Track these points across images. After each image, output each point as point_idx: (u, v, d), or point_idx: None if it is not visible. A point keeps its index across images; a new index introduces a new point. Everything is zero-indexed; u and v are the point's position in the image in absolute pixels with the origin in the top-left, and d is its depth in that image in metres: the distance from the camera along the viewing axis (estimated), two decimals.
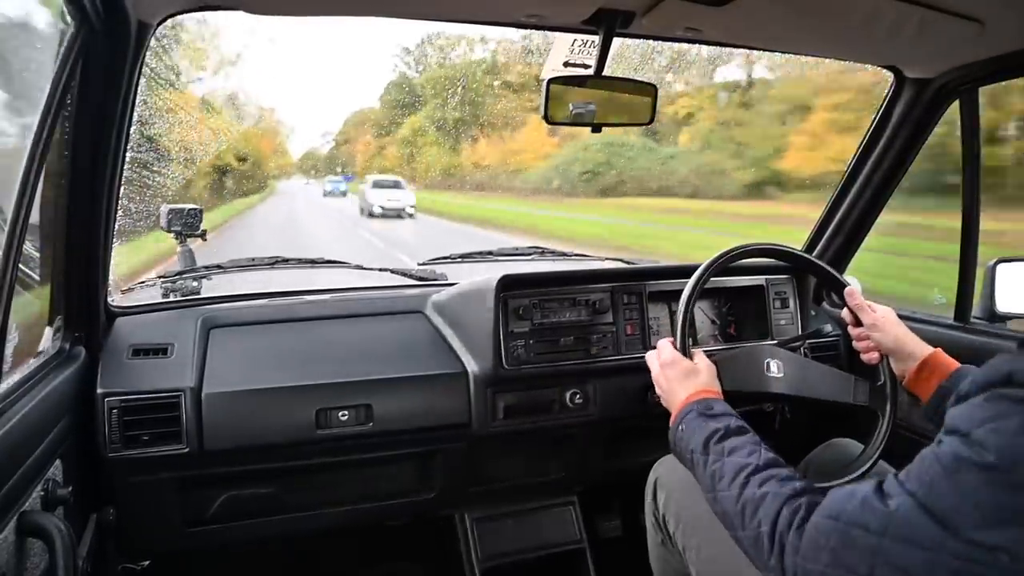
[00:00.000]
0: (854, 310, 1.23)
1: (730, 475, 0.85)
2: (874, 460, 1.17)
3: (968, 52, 1.29)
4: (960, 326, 1.48)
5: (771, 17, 1.15)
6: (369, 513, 1.53)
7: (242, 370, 1.34)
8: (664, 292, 1.57)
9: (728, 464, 0.87)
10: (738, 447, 0.88)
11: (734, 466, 0.86)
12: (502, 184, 15.88)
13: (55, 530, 0.88)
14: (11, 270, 0.89)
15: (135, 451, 1.24)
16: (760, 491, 0.81)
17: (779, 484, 0.81)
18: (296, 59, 28.49)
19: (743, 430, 0.92)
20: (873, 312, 1.21)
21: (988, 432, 0.64)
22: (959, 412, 0.69)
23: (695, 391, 1.02)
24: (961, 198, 1.47)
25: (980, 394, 0.68)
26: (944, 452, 0.68)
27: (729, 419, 0.94)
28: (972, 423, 0.66)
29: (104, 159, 1.14)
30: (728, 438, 0.90)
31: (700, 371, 1.06)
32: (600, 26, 1.17)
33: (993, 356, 1.17)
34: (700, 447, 0.92)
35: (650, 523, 1.27)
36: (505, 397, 1.45)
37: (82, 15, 0.95)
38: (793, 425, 1.43)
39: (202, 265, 1.64)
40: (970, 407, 0.68)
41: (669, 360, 1.09)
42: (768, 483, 0.82)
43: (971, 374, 0.72)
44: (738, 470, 0.85)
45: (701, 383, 1.04)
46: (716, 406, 0.97)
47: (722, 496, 0.86)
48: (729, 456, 0.88)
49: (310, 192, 18.62)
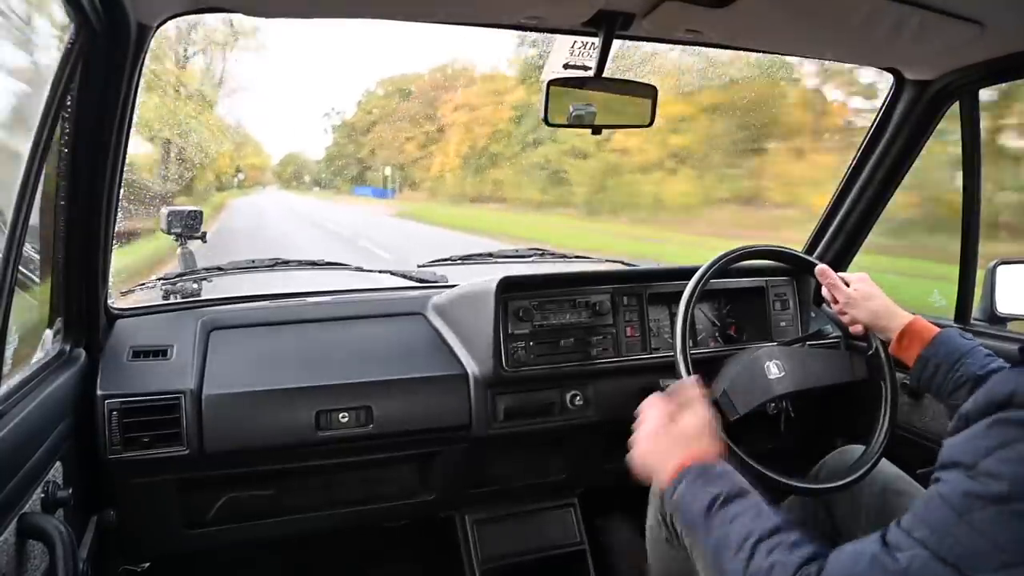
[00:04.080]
0: (828, 288, 1.23)
1: (735, 545, 0.78)
2: (876, 459, 1.18)
3: (968, 54, 1.29)
4: (960, 327, 1.48)
5: (771, 19, 1.15)
6: (369, 515, 1.53)
7: (242, 372, 1.34)
8: (664, 294, 1.57)
9: (733, 533, 0.80)
10: (741, 512, 0.81)
11: (739, 535, 0.79)
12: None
13: (55, 532, 0.88)
14: (11, 271, 0.89)
15: (135, 453, 1.24)
16: (768, 561, 0.75)
17: (786, 552, 0.75)
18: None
19: (745, 492, 0.84)
20: (846, 288, 1.22)
21: (997, 462, 0.61)
22: (959, 444, 0.65)
23: (694, 452, 0.92)
24: (961, 199, 1.47)
25: (981, 419, 0.64)
26: (950, 492, 0.64)
27: (730, 481, 0.86)
28: (976, 454, 0.63)
29: (104, 160, 1.14)
30: (731, 502, 0.82)
31: (699, 435, 0.95)
32: (600, 28, 1.17)
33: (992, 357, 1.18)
34: (701, 514, 0.84)
35: (655, 521, 1.26)
36: (505, 399, 1.45)
37: (82, 16, 0.95)
38: (798, 424, 1.43)
39: (202, 267, 1.64)
40: (971, 437, 0.64)
41: (664, 421, 0.99)
42: (775, 551, 0.75)
43: (971, 397, 0.68)
44: (743, 539, 0.78)
45: (703, 445, 0.94)
46: (715, 467, 0.89)
47: (730, 569, 0.78)
48: (732, 523, 0.80)
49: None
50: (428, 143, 16.98)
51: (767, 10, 1.10)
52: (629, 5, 1.09)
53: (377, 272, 1.77)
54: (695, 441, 0.94)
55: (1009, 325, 1.46)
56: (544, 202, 13.78)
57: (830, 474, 1.26)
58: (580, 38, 1.29)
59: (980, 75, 1.37)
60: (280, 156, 19.97)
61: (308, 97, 32.89)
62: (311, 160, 20.53)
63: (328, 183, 19.32)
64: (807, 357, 1.28)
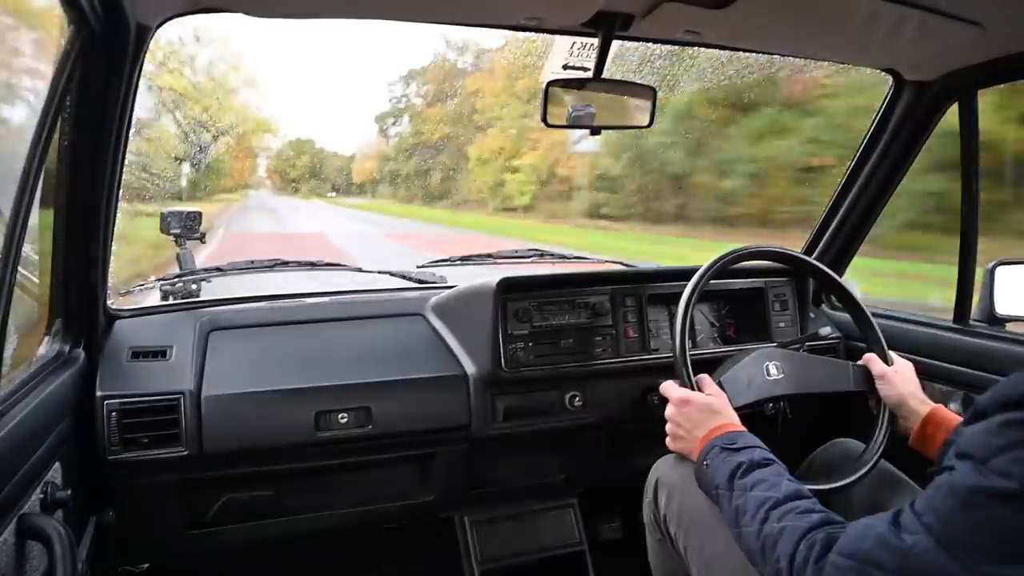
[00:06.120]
0: (867, 360, 1.25)
1: (752, 510, 0.86)
2: (876, 458, 1.18)
3: (967, 55, 1.30)
4: (959, 328, 1.48)
5: (770, 20, 1.15)
6: (368, 516, 1.53)
7: (241, 373, 1.34)
8: (664, 295, 1.57)
9: (751, 499, 0.87)
10: (760, 481, 0.89)
11: (756, 500, 0.86)
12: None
13: (55, 533, 0.88)
14: (10, 272, 0.89)
15: (134, 454, 1.24)
16: (779, 525, 0.81)
17: (798, 517, 0.81)
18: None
19: (767, 462, 0.92)
20: (886, 365, 1.23)
21: (1009, 461, 0.62)
22: (974, 436, 0.67)
23: (716, 425, 1.03)
24: (961, 200, 1.47)
25: (996, 415, 0.65)
26: (959, 483, 0.66)
27: (752, 451, 0.94)
28: (989, 451, 0.64)
29: (104, 161, 1.14)
30: (752, 471, 0.90)
31: (719, 406, 1.07)
32: (599, 29, 1.17)
33: (992, 358, 1.18)
34: (725, 482, 0.92)
35: (649, 523, 1.26)
36: (505, 400, 1.45)
37: (81, 17, 0.95)
38: (795, 426, 1.43)
39: (201, 268, 1.64)
40: (985, 432, 0.66)
41: (683, 398, 1.10)
42: (787, 517, 0.82)
43: (989, 389, 0.70)
44: (760, 504, 0.85)
45: (723, 418, 1.05)
46: (739, 439, 0.98)
47: (746, 532, 0.86)
48: (752, 491, 0.88)
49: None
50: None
51: (766, 11, 1.10)
52: (628, 6, 1.09)
53: (376, 273, 1.77)
54: (717, 416, 1.05)
55: (1008, 326, 1.46)
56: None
57: (821, 468, 1.27)
58: (579, 39, 1.29)
59: (979, 76, 1.37)
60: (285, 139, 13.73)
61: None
62: (333, 154, 15.01)
63: (369, 190, 14.54)
64: (807, 362, 1.27)
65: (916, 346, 1.47)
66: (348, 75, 23.81)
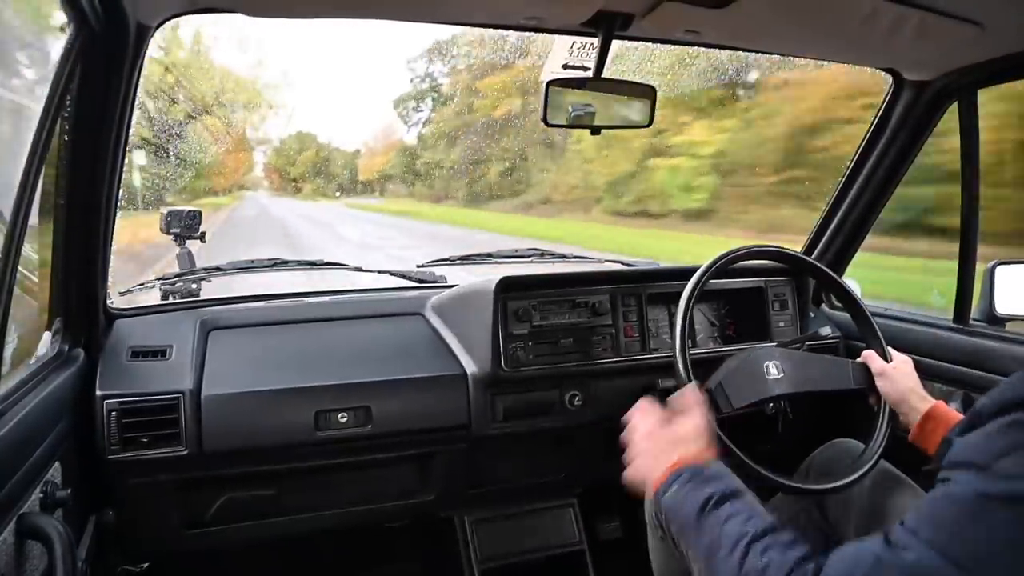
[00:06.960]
0: (866, 357, 1.25)
1: (729, 545, 0.78)
2: (877, 458, 1.18)
3: (967, 54, 1.30)
4: (959, 328, 1.48)
5: (770, 19, 1.15)
6: (368, 515, 1.53)
7: (241, 372, 1.34)
8: (663, 294, 1.57)
9: (726, 533, 0.79)
10: (735, 513, 0.81)
11: (732, 535, 0.78)
12: None
13: (54, 532, 0.88)
14: (10, 271, 0.89)
15: (134, 453, 1.24)
16: (763, 561, 0.74)
17: (782, 552, 0.74)
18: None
19: (739, 493, 0.84)
20: (885, 362, 1.23)
21: (1014, 463, 0.59)
22: (972, 443, 0.64)
23: (686, 456, 0.91)
24: (960, 200, 1.47)
25: (996, 419, 0.63)
26: (961, 492, 0.62)
27: (723, 482, 0.85)
28: (991, 455, 0.61)
29: (103, 160, 1.14)
30: (724, 503, 0.82)
31: (695, 437, 0.95)
32: (599, 28, 1.17)
33: (992, 358, 1.18)
34: (693, 515, 0.83)
35: (651, 521, 1.26)
36: (504, 399, 1.45)
37: (81, 17, 0.95)
38: (795, 426, 1.43)
39: (201, 267, 1.64)
40: (985, 437, 0.63)
41: (656, 425, 0.99)
42: (770, 551, 0.74)
43: (987, 392, 0.66)
44: (737, 539, 0.77)
45: (695, 449, 0.93)
46: (708, 468, 0.88)
47: (722, 569, 0.78)
48: (726, 524, 0.80)
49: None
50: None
51: (766, 11, 1.10)
52: (628, 6, 1.09)
53: (376, 272, 1.77)
54: (689, 444, 0.93)
55: (1007, 325, 1.46)
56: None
57: (820, 469, 1.27)
58: (579, 38, 1.29)
59: (979, 76, 1.37)
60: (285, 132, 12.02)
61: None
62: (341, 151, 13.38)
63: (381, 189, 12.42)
64: (807, 361, 1.27)
65: (916, 346, 1.47)
66: (355, 57, 21.88)
